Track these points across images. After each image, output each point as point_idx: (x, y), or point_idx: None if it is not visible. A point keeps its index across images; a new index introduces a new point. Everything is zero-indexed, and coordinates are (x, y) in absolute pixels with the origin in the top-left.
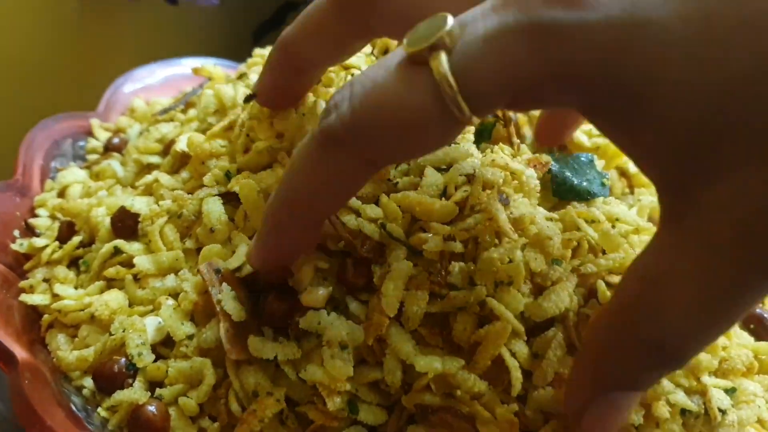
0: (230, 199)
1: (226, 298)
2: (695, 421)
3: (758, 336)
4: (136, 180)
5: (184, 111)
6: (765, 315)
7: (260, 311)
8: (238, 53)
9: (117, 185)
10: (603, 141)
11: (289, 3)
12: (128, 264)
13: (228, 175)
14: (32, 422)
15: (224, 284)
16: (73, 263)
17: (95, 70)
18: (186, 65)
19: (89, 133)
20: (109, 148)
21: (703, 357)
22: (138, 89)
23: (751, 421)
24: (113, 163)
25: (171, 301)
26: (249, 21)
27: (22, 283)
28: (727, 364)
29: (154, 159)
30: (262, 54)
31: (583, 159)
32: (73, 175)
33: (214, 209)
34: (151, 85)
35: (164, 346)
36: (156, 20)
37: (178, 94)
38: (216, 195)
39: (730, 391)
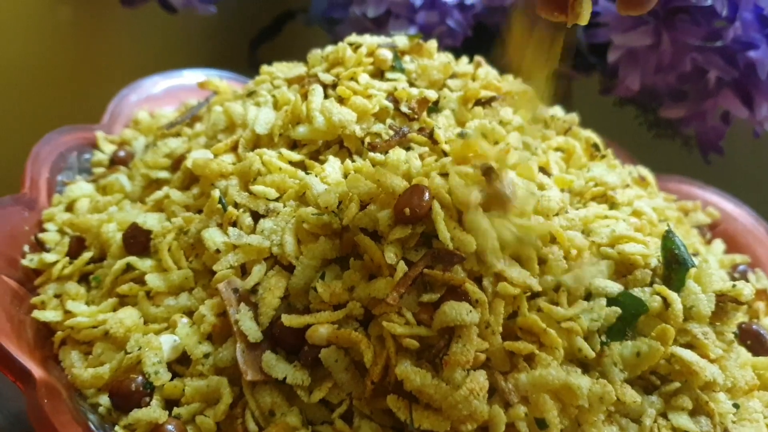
0: None
1: (244, 318)
2: None
3: (755, 351)
4: (145, 194)
5: (190, 125)
6: (761, 331)
7: (273, 333)
8: (235, 61)
9: (125, 200)
10: None
11: (287, 12)
12: (140, 281)
13: (222, 203)
14: None
15: (242, 304)
16: (84, 279)
17: (93, 81)
18: (187, 77)
19: (94, 146)
20: (115, 162)
21: (718, 375)
22: (141, 100)
23: None
24: (121, 178)
25: (186, 320)
26: (246, 29)
27: (34, 299)
28: (731, 382)
29: (163, 174)
30: (270, 71)
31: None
32: (81, 189)
33: (215, 236)
34: (154, 96)
35: (180, 364)
36: (154, 29)
37: (180, 105)
38: (215, 226)
39: (734, 408)
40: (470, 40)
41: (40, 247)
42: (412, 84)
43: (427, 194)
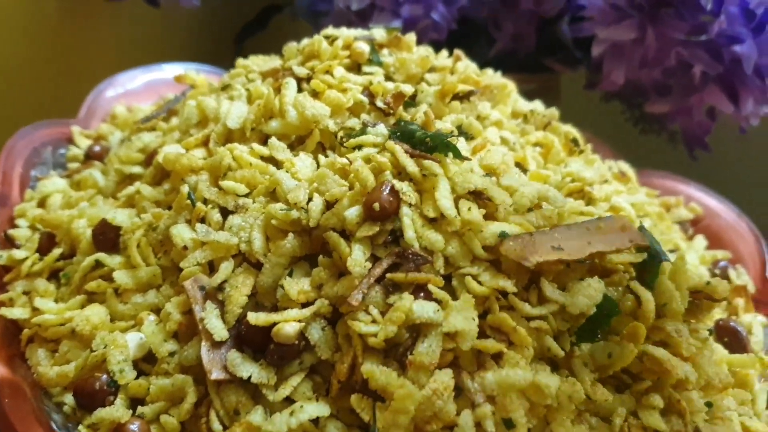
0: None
1: (209, 317)
2: None
3: (732, 348)
4: (118, 190)
5: (166, 119)
6: (738, 328)
7: (239, 332)
8: (220, 56)
9: (98, 195)
10: None
11: (272, 5)
12: (109, 277)
13: (191, 199)
14: None
15: (208, 302)
16: (54, 275)
17: (75, 75)
18: (168, 71)
19: (70, 141)
20: (90, 156)
21: (690, 373)
22: (119, 95)
23: None
24: (94, 173)
25: (153, 317)
26: (231, 23)
27: (2, 297)
28: (704, 380)
29: (136, 169)
30: (245, 65)
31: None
32: (54, 184)
33: (184, 232)
34: (133, 90)
35: (146, 362)
36: (136, 23)
37: (159, 99)
38: (183, 222)
39: (707, 406)
40: (455, 33)
41: (10, 243)
42: (389, 78)
43: (396, 191)
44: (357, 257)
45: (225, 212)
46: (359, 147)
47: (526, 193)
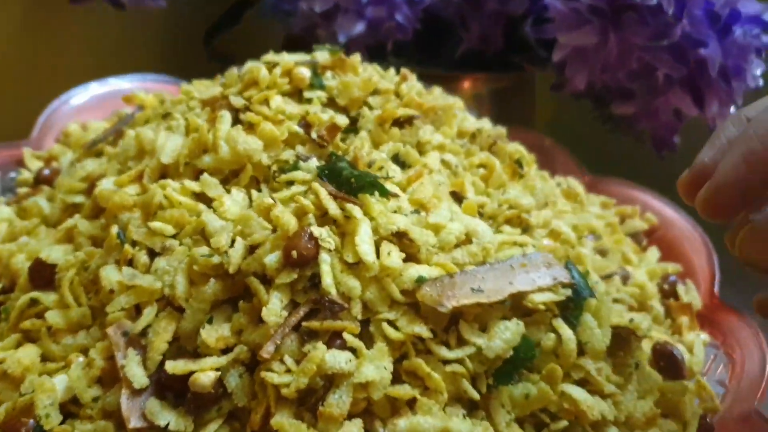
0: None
1: (130, 364)
2: None
3: (667, 373)
4: (62, 218)
5: (114, 142)
6: (675, 352)
7: (159, 378)
8: (189, 57)
9: (41, 226)
10: None
11: (241, 1)
12: (45, 315)
13: (121, 239)
14: None
15: (130, 349)
16: None
17: (34, 88)
18: (121, 84)
19: (22, 163)
20: (39, 181)
21: (608, 412)
22: (73, 111)
23: None
24: (40, 201)
25: (81, 359)
26: (199, 22)
27: None
28: (625, 416)
29: (79, 198)
30: (188, 91)
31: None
32: (0, 213)
33: (111, 275)
34: (86, 105)
35: (75, 404)
36: (102, 26)
37: (114, 114)
38: (113, 264)
39: None
40: (423, 32)
41: None
42: (332, 101)
43: (314, 237)
44: (273, 306)
45: (153, 254)
46: (291, 182)
47: (453, 229)
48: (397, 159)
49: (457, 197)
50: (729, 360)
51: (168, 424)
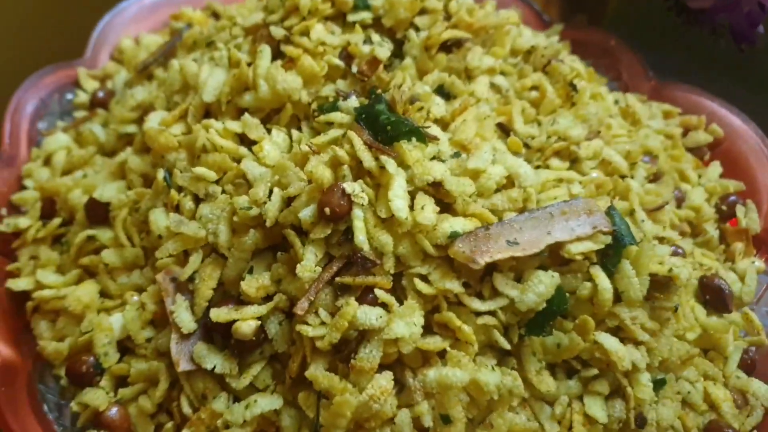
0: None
1: (179, 310)
2: (616, 426)
3: (714, 306)
4: (117, 146)
5: (164, 63)
6: (722, 285)
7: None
8: None
9: (97, 155)
10: None
11: None
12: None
13: (167, 182)
14: (5, 429)
15: (178, 295)
16: (57, 239)
17: (81, 6)
18: None
19: (77, 84)
20: (94, 104)
21: (640, 361)
22: (126, 23)
23: (669, 421)
24: (95, 129)
25: (136, 297)
26: None
27: (9, 267)
28: (659, 361)
29: (131, 128)
30: (231, 15)
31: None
32: (57, 141)
33: (160, 220)
34: (139, 16)
35: (131, 342)
36: None
37: (166, 29)
38: (161, 207)
39: (659, 384)
40: None
41: (15, 209)
42: (377, 22)
43: (347, 194)
44: (307, 263)
45: (198, 199)
46: (330, 122)
47: (493, 174)
48: (441, 90)
49: (504, 129)
50: None
51: (215, 367)
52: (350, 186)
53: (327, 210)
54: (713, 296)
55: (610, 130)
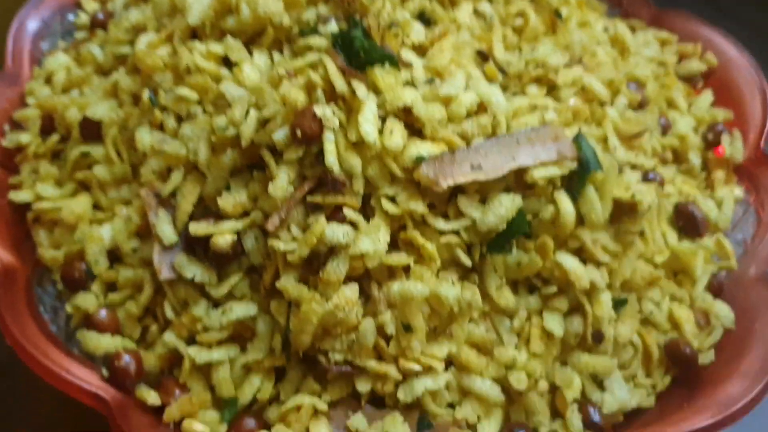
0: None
1: (161, 223)
2: (574, 341)
3: (687, 232)
4: (114, 66)
5: None
6: (695, 212)
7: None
8: None
9: (95, 75)
10: None
11: None
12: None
13: (152, 101)
14: (3, 328)
15: (161, 209)
16: (57, 155)
17: None
18: None
19: (78, 5)
20: (94, 25)
21: (599, 280)
22: None
23: (626, 338)
24: (93, 49)
25: (125, 210)
26: None
27: (12, 180)
28: (620, 282)
29: (125, 49)
30: None
31: None
32: (57, 61)
33: (144, 138)
34: None
35: (120, 250)
36: None
37: None
38: (146, 126)
39: (620, 304)
40: None
41: (17, 126)
42: None
43: (317, 117)
44: (280, 182)
45: (180, 119)
46: (310, 47)
47: (464, 101)
48: (423, 17)
49: (485, 57)
50: (757, 218)
51: (194, 276)
52: (321, 109)
53: (299, 132)
54: (686, 222)
55: (595, 58)
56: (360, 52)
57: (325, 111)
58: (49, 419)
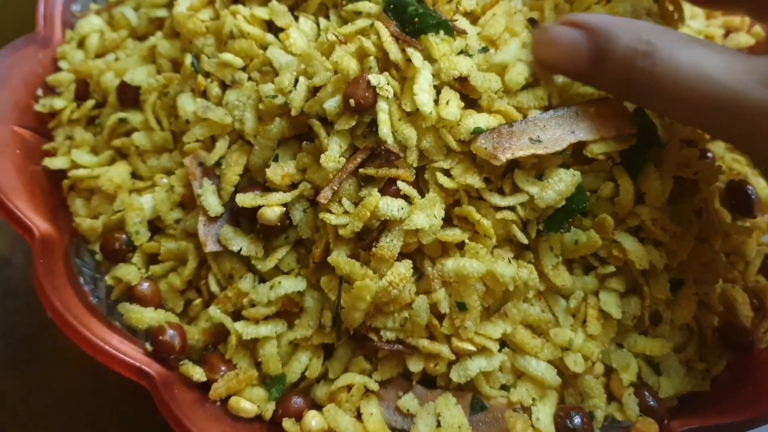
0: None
1: (206, 193)
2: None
3: (740, 211)
4: (149, 30)
5: None
6: (749, 189)
7: (233, 207)
8: None
9: (129, 39)
10: None
11: None
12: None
13: (195, 67)
14: (43, 298)
15: (205, 179)
16: (92, 121)
17: None
18: None
19: None
20: None
21: (657, 261)
22: None
23: (684, 320)
24: (127, 13)
25: (165, 180)
26: None
27: (46, 146)
28: (678, 264)
29: (161, 12)
30: None
31: None
32: (90, 24)
33: (187, 105)
34: None
35: (161, 221)
36: None
37: None
38: (188, 92)
39: (677, 284)
40: None
41: (51, 90)
42: None
43: (372, 86)
44: (331, 153)
45: (225, 85)
46: (358, 12)
47: (521, 70)
48: None
49: (535, 24)
50: None
51: (240, 249)
52: (375, 78)
53: (352, 101)
54: (739, 201)
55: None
56: (414, 18)
57: (379, 80)
58: (78, 388)
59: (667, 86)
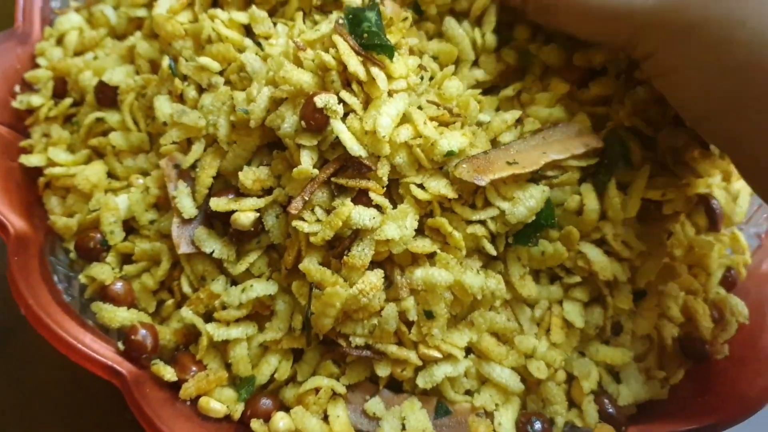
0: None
1: (180, 195)
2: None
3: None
4: (128, 29)
5: None
6: (713, 205)
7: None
8: None
9: (108, 38)
10: None
11: None
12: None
13: (172, 70)
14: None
15: (180, 181)
16: (69, 119)
17: None
18: None
19: None
20: None
21: (620, 273)
22: None
23: (645, 331)
24: (106, 10)
25: (141, 180)
26: None
27: (22, 143)
28: (642, 278)
29: (141, 12)
30: None
31: None
32: (70, 21)
33: (164, 107)
34: None
35: (136, 222)
36: None
37: None
38: (165, 95)
39: (639, 295)
40: None
41: (28, 87)
42: None
43: (320, 108)
44: (304, 165)
45: (202, 89)
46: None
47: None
48: None
49: None
50: None
51: (213, 252)
52: (322, 99)
53: (302, 123)
54: (704, 215)
55: None
56: (364, 33)
57: (327, 100)
58: (54, 382)
59: (567, 3)
